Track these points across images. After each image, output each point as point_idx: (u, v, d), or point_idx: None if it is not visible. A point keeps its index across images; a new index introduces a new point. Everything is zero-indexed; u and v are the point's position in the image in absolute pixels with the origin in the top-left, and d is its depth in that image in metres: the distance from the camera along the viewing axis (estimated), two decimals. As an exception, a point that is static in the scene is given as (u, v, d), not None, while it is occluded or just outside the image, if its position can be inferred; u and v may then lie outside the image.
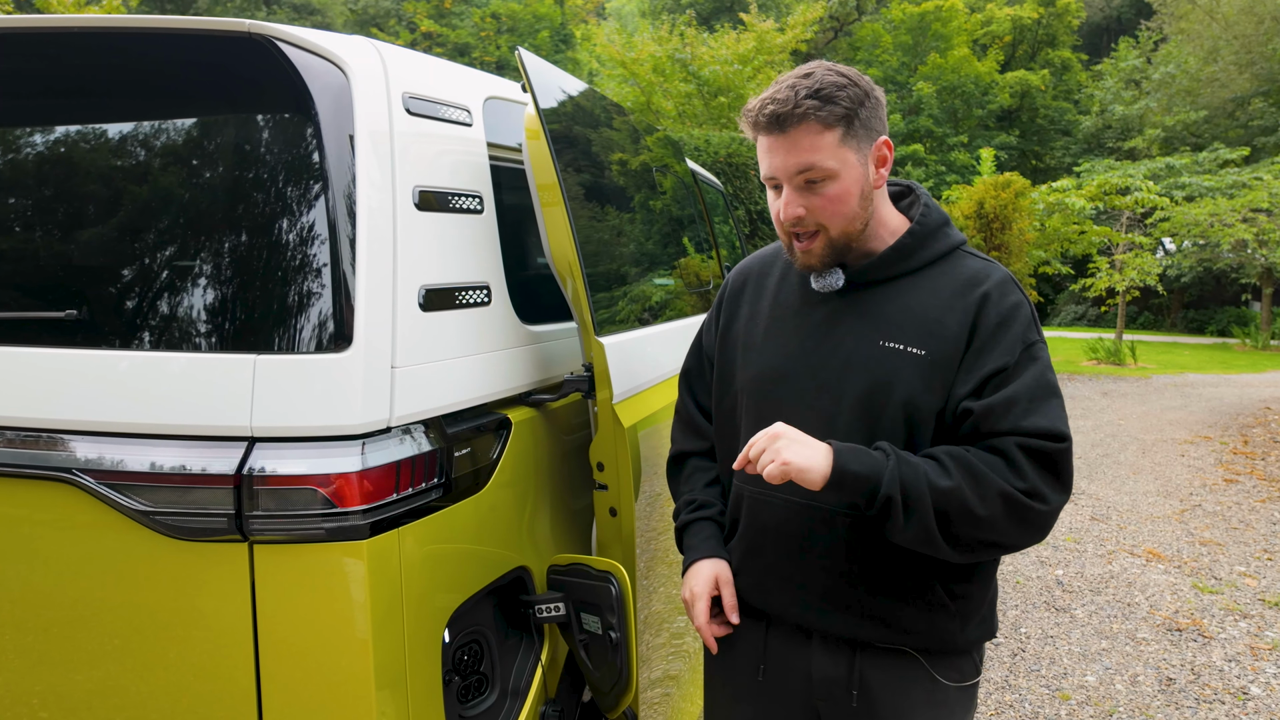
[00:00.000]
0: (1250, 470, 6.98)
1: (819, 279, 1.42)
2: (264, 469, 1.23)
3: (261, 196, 1.36)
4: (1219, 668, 3.53)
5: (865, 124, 1.33)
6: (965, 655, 1.43)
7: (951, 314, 1.35)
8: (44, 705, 1.35)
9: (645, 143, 2.53)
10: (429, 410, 1.39)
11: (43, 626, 1.33)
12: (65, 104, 1.47)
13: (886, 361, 1.35)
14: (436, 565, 1.39)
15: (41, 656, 1.34)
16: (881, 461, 1.27)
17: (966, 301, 1.35)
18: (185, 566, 1.26)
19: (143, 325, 1.33)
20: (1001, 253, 12.54)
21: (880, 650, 1.39)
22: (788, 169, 1.32)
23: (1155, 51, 30.27)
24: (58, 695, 1.34)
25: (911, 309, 1.37)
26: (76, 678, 1.33)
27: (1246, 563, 4.79)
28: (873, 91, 1.35)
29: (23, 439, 1.32)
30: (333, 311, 1.29)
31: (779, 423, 1.31)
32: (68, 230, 1.41)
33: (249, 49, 1.35)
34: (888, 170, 1.40)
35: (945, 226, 1.44)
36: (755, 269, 1.59)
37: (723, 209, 4.76)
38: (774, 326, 1.48)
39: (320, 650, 1.25)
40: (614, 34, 18.23)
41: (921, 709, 1.40)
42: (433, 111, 1.54)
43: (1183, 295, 25.45)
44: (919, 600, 1.36)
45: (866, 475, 1.26)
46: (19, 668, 1.35)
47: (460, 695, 1.49)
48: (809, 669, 1.43)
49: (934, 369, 1.33)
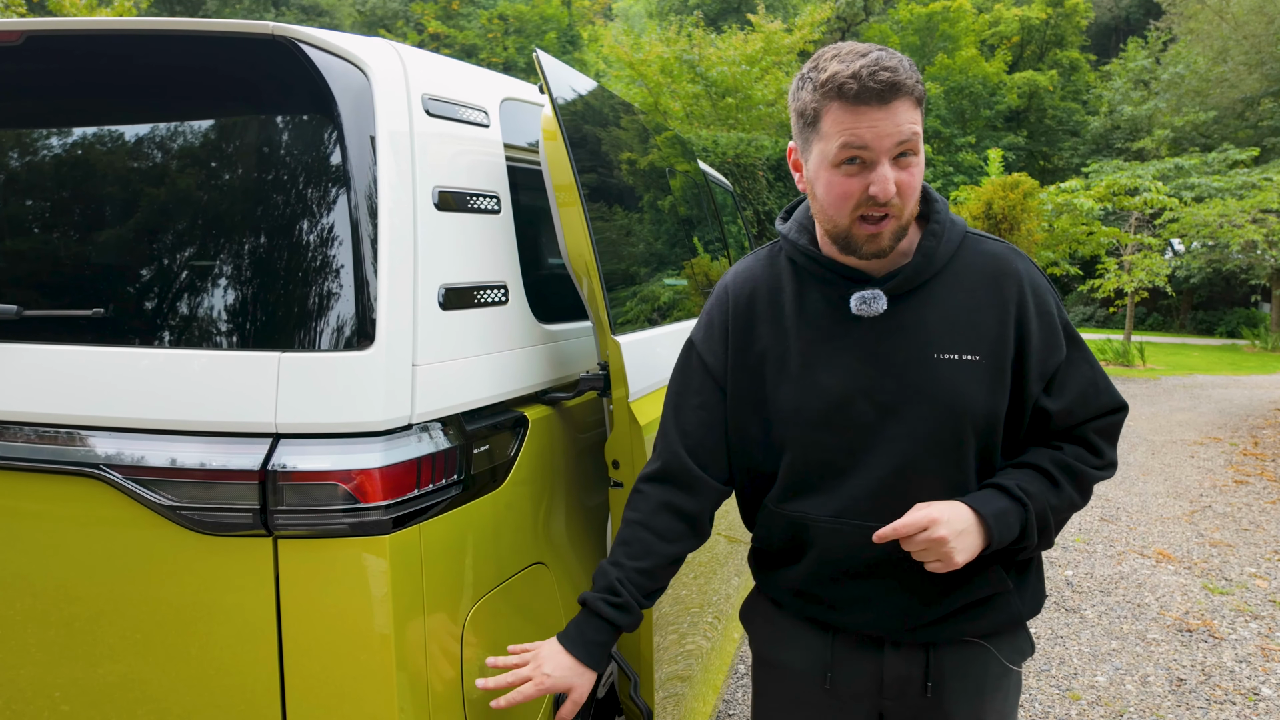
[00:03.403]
0: (1260, 471, 6.96)
1: (862, 303, 1.33)
2: (288, 465, 1.25)
3: (283, 197, 1.38)
4: (1230, 668, 3.52)
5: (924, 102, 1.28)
6: (1023, 630, 1.47)
7: (991, 311, 1.33)
8: (66, 698, 1.37)
9: (656, 142, 2.54)
10: (448, 408, 1.40)
11: (69, 620, 1.35)
12: (91, 106, 1.49)
13: (945, 374, 1.32)
14: (456, 560, 1.41)
15: (67, 649, 1.36)
16: (1020, 514, 1.31)
17: (1002, 297, 1.34)
18: (210, 561, 1.28)
19: (169, 323, 1.35)
20: (1010, 253, 12.52)
21: (951, 643, 1.41)
22: (889, 141, 1.21)
23: (1164, 52, 30.16)
24: (82, 688, 1.36)
25: (952, 313, 1.34)
26: (101, 670, 1.35)
27: (1257, 564, 4.78)
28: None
29: (52, 435, 1.33)
30: (355, 310, 1.31)
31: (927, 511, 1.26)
32: (94, 230, 1.43)
33: (272, 51, 1.37)
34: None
35: (953, 217, 1.40)
36: (762, 284, 1.46)
37: (731, 209, 4.77)
38: (813, 351, 1.38)
39: (342, 643, 1.26)
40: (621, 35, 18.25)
41: (989, 692, 1.44)
42: (451, 113, 1.56)
43: (1192, 296, 25.36)
44: (986, 588, 1.38)
45: (1015, 536, 1.32)
46: (44, 661, 1.37)
47: None
48: (880, 672, 1.42)
49: (992, 373, 1.32)
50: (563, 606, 1.70)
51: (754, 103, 15.56)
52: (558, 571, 1.71)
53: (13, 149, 1.49)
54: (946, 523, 1.25)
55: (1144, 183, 15.35)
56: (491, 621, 1.49)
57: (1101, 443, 1.39)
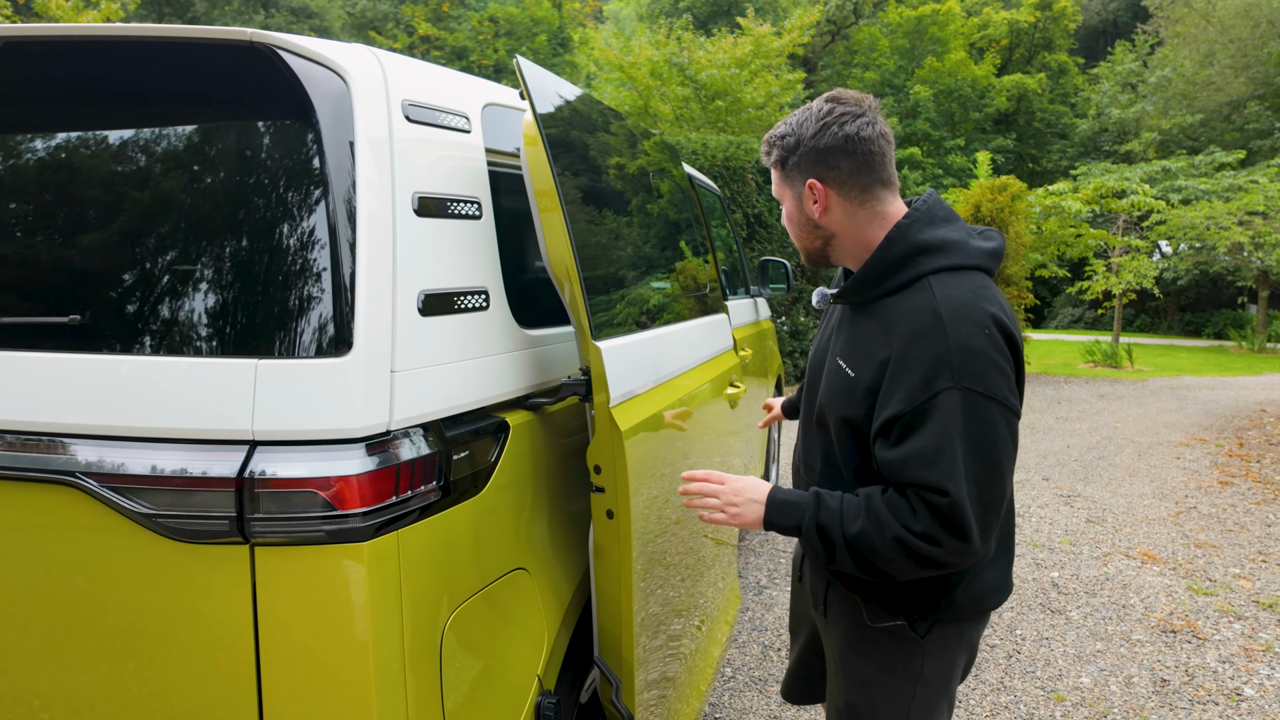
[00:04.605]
0: (1245, 473, 7.00)
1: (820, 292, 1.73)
2: (265, 472, 1.25)
3: (263, 202, 1.38)
4: (1213, 669, 3.54)
5: (797, 168, 1.55)
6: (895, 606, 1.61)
7: (883, 344, 1.47)
8: (46, 706, 1.36)
9: (642, 147, 2.54)
10: (428, 414, 1.40)
11: (45, 628, 1.34)
12: (70, 112, 1.49)
13: (834, 377, 1.58)
14: (436, 566, 1.41)
15: (44, 657, 1.35)
16: (803, 515, 1.51)
17: (894, 336, 1.45)
18: (187, 568, 1.27)
19: (145, 329, 1.35)
20: (998, 256, 12.55)
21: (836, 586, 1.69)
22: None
23: (1151, 55, 30.36)
24: (61, 696, 1.35)
25: (863, 332, 1.54)
26: (79, 678, 1.34)
27: (1241, 565, 4.81)
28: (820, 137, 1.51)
29: (26, 443, 1.33)
30: (333, 316, 1.31)
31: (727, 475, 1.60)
32: (70, 235, 1.42)
33: (251, 57, 1.37)
34: (821, 206, 1.55)
35: (915, 256, 1.49)
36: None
37: (720, 212, 4.77)
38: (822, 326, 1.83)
39: (320, 650, 1.26)
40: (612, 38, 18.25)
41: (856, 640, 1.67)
42: (432, 119, 1.56)
43: (1179, 298, 25.50)
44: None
45: (790, 526, 1.53)
46: (22, 668, 1.36)
47: None
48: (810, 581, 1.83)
49: (859, 389, 1.50)
50: (544, 612, 1.70)
51: (743, 106, 15.56)
52: (539, 577, 1.71)
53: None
54: (731, 484, 1.57)
55: (1131, 185, 15.44)
56: (472, 627, 1.49)
57: (924, 511, 1.38)
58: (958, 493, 1.36)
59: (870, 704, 1.65)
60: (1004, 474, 1.41)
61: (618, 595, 1.72)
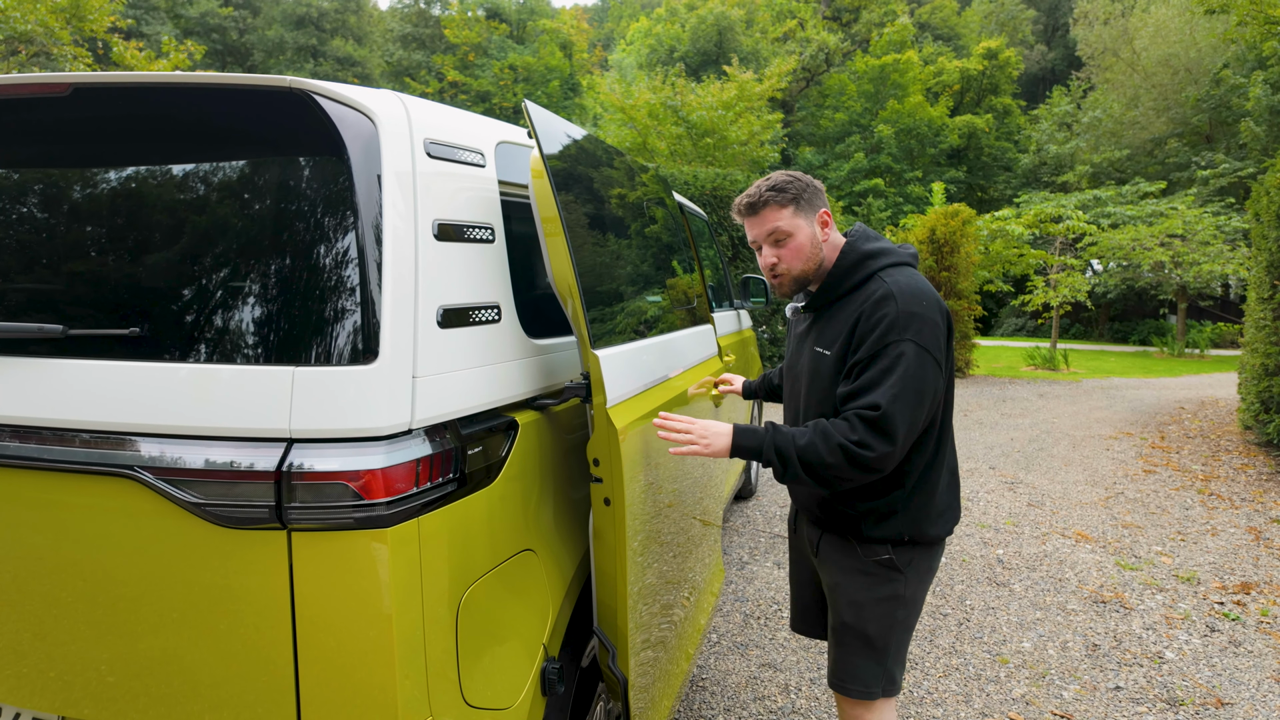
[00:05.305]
0: (1166, 463, 6.98)
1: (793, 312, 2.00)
2: (301, 466, 1.23)
3: (300, 228, 1.36)
4: (1138, 635, 3.52)
5: (809, 202, 1.82)
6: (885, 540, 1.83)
7: (849, 316, 1.75)
8: (111, 670, 1.35)
9: (638, 180, 2.53)
10: (446, 414, 1.39)
11: (110, 601, 1.33)
12: (131, 150, 1.48)
13: (816, 362, 1.82)
14: (452, 548, 1.39)
15: (108, 627, 1.34)
16: (762, 435, 1.71)
17: (856, 313, 1.73)
18: (231, 551, 1.26)
19: (197, 340, 1.34)
20: (951, 273, 12.54)
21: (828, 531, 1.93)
22: (760, 236, 1.85)
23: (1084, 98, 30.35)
24: (123, 661, 1.34)
25: (834, 322, 1.80)
26: (139, 646, 1.33)
27: (1163, 543, 4.79)
28: (812, 184, 1.83)
29: (93, 440, 1.32)
30: (361, 328, 1.29)
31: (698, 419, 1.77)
32: (133, 256, 1.41)
33: (290, 101, 1.36)
34: (829, 230, 1.85)
35: (864, 260, 1.80)
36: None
37: (707, 235, 4.76)
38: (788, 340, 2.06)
39: (349, 624, 1.25)
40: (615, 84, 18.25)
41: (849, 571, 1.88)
42: (450, 155, 1.55)
43: (1109, 309, 25.44)
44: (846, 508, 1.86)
45: (753, 448, 1.71)
46: (90, 637, 1.35)
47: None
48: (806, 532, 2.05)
49: (837, 363, 1.76)
50: (549, 588, 1.69)
51: (729, 142, 15.55)
52: (545, 557, 1.70)
53: (63, 189, 1.48)
54: (700, 424, 1.74)
55: (1067, 211, 15.44)
56: (485, 601, 1.47)
57: (860, 425, 1.62)
58: (889, 407, 1.61)
59: (861, 620, 1.85)
60: (924, 402, 1.65)
61: (614, 572, 1.70)
